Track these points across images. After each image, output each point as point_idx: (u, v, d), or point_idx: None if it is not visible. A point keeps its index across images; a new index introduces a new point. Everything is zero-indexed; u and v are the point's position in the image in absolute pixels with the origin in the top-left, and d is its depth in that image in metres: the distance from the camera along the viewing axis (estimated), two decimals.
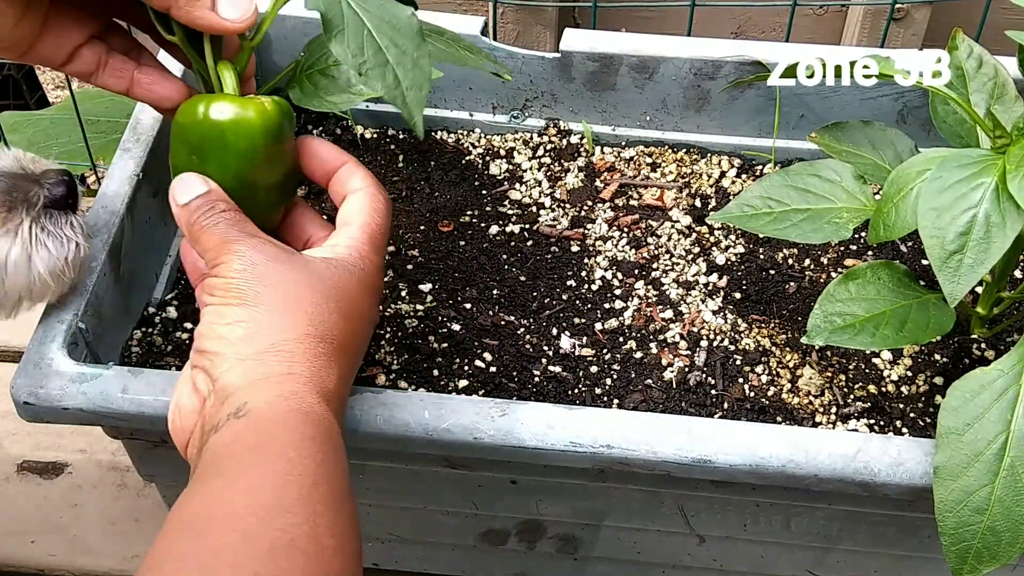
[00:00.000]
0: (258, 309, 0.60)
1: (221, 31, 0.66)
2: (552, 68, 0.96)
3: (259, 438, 0.55)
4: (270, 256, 0.62)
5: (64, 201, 0.70)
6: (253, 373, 0.58)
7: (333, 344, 0.61)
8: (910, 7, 1.36)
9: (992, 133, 0.72)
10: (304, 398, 0.58)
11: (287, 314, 0.60)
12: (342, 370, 0.61)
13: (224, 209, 0.64)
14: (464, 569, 0.95)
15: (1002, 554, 0.66)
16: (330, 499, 0.54)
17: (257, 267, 0.61)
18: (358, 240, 0.66)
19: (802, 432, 0.71)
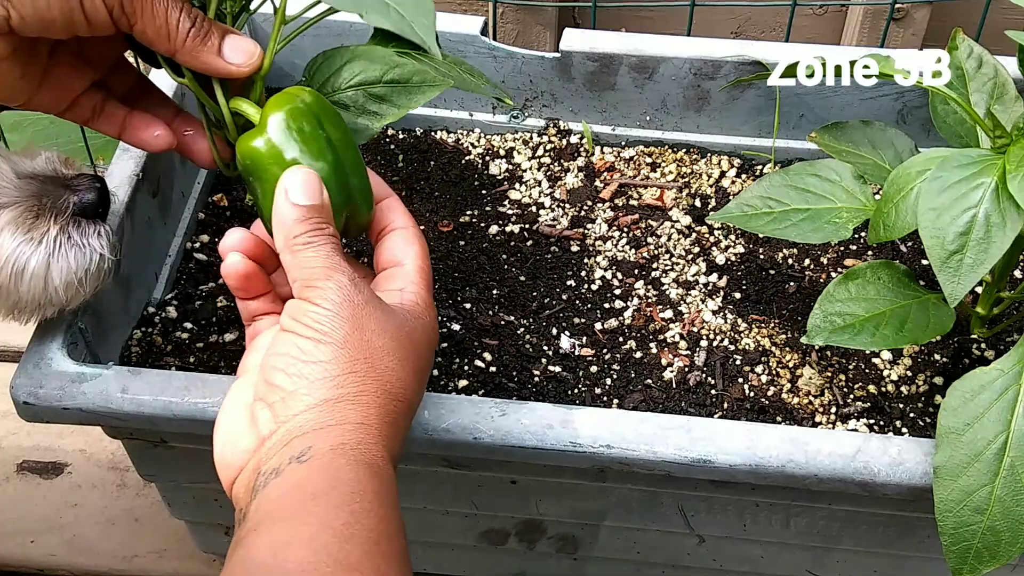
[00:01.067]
0: (345, 352, 0.57)
1: (228, 75, 0.66)
2: (552, 68, 0.96)
3: (322, 486, 0.53)
4: (368, 299, 0.59)
5: (94, 209, 0.68)
6: (326, 419, 0.56)
7: (403, 403, 0.59)
8: (910, 7, 1.36)
9: (992, 133, 0.72)
10: (371, 450, 0.56)
11: (370, 366, 0.58)
12: (406, 430, 0.60)
13: (332, 233, 0.61)
14: (464, 569, 0.95)
15: (1002, 554, 0.66)
16: (392, 556, 0.53)
17: (354, 306, 0.58)
18: (419, 286, 0.65)
19: (802, 432, 0.71)
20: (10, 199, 0.65)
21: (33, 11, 0.61)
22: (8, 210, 0.65)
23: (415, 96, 0.72)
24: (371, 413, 0.57)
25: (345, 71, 0.71)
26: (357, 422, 0.56)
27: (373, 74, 0.71)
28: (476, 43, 0.95)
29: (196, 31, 0.64)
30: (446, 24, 0.94)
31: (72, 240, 0.67)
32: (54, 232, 0.66)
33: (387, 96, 0.72)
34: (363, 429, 0.56)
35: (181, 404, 0.71)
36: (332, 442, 0.55)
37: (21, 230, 0.65)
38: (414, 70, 0.71)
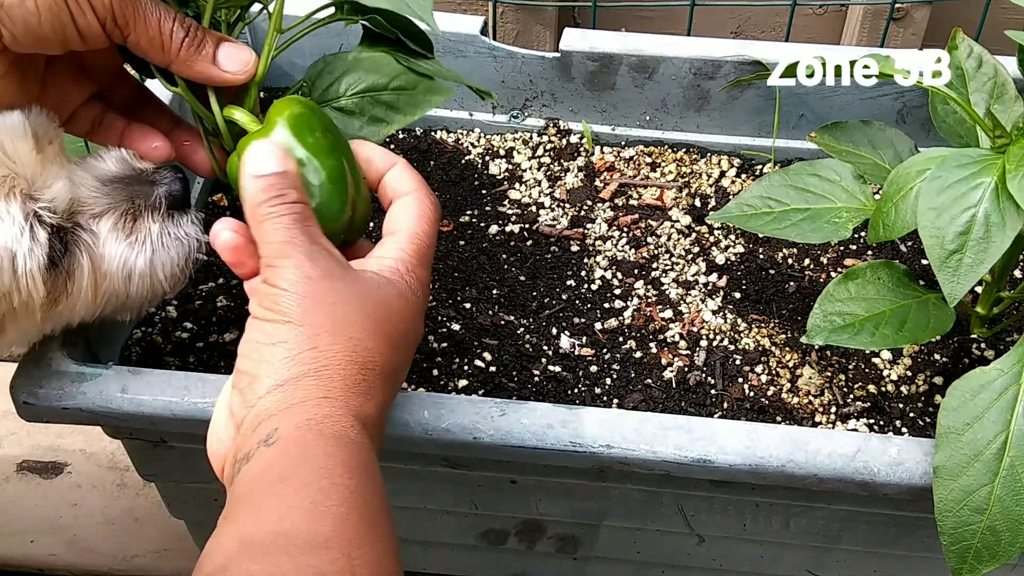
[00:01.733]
0: (303, 330, 0.57)
1: (223, 83, 0.66)
2: (552, 68, 0.96)
3: (289, 466, 0.53)
4: (325, 271, 0.59)
5: (184, 199, 0.68)
6: (290, 398, 0.56)
7: (375, 370, 0.59)
8: (910, 7, 1.35)
9: (992, 133, 0.72)
10: (338, 422, 0.56)
11: (333, 338, 0.57)
12: (382, 397, 0.59)
13: (295, 200, 0.60)
14: (464, 569, 0.95)
15: (1002, 554, 0.66)
16: (365, 528, 0.52)
17: (311, 282, 0.58)
18: (406, 253, 0.63)
19: (802, 432, 0.71)
20: (104, 206, 0.65)
21: (25, 29, 0.61)
22: (106, 217, 0.65)
23: (422, 104, 0.72)
24: (336, 385, 0.57)
25: (348, 77, 0.71)
26: (321, 396, 0.56)
27: (381, 81, 0.71)
28: (476, 43, 0.95)
29: (190, 40, 0.64)
30: (446, 24, 0.94)
31: (172, 235, 0.67)
32: (156, 231, 0.67)
33: (394, 103, 0.71)
34: (328, 403, 0.56)
35: (181, 404, 0.71)
36: (297, 420, 0.55)
37: (123, 234, 0.66)
38: (419, 78, 0.71)
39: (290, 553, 0.49)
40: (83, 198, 0.65)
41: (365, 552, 0.51)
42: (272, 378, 0.56)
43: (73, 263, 0.63)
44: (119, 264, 0.66)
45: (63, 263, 0.63)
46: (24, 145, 0.61)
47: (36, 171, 0.61)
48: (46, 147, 0.63)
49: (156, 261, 0.67)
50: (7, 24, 0.61)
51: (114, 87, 0.72)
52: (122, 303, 0.67)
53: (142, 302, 0.68)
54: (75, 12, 0.61)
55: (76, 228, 0.64)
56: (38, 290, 0.61)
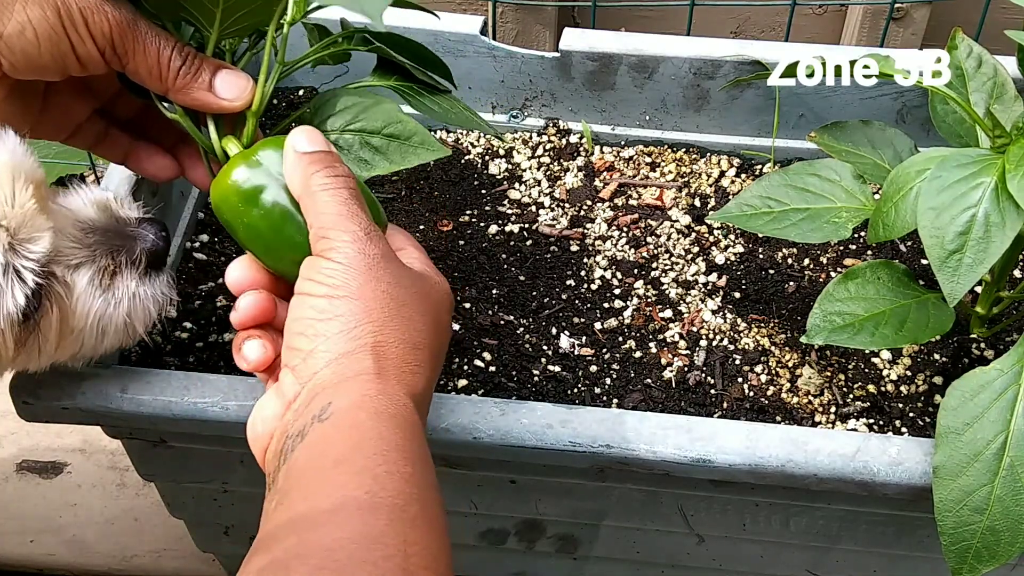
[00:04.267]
0: (360, 304, 0.57)
1: (219, 111, 0.65)
2: (551, 68, 0.96)
3: (343, 449, 0.52)
4: (382, 252, 0.59)
5: (163, 256, 0.67)
6: (345, 371, 0.55)
7: (425, 351, 0.59)
8: (909, 7, 1.36)
9: (991, 133, 0.72)
10: (393, 398, 0.55)
11: (389, 315, 0.57)
12: (430, 376, 0.59)
13: (347, 175, 0.61)
14: (464, 569, 0.95)
15: (1001, 553, 0.66)
16: (421, 520, 0.51)
17: (368, 259, 0.58)
18: (423, 259, 0.65)
19: (801, 432, 0.71)
20: (83, 258, 0.64)
21: (24, 58, 0.61)
22: (84, 270, 0.64)
23: (410, 156, 0.72)
24: (391, 363, 0.56)
25: (347, 113, 0.72)
26: (376, 372, 0.56)
27: (374, 124, 0.72)
28: (476, 43, 0.95)
29: (186, 68, 0.64)
30: (446, 24, 0.94)
31: (148, 294, 0.66)
32: (132, 289, 0.65)
33: (383, 148, 0.72)
34: (383, 378, 0.56)
35: (181, 404, 0.71)
36: (352, 395, 0.54)
37: (100, 289, 0.64)
38: (415, 129, 0.72)
39: (346, 548, 0.48)
40: (62, 247, 0.63)
41: (420, 548, 0.49)
42: (328, 352, 0.56)
43: (43, 315, 0.61)
44: (93, 320, 0.64)
45: (35, 316, 0.61)
46: (15, 191, 0.59)
47: (22, 220, 0.59)
48: (35, 192, 0.60)
49: (131, 318, 0.66)
50: (6, 54, 0.60)
51: (117, 102, 0.72)
52: (82, 353, 0.66)
53: (102, 353, 0.67)
54: (75, 41, 0.61)
55: (50, 278, 0.62)
56: (7, 345, 0.60)
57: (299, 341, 0.57)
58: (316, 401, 0.55)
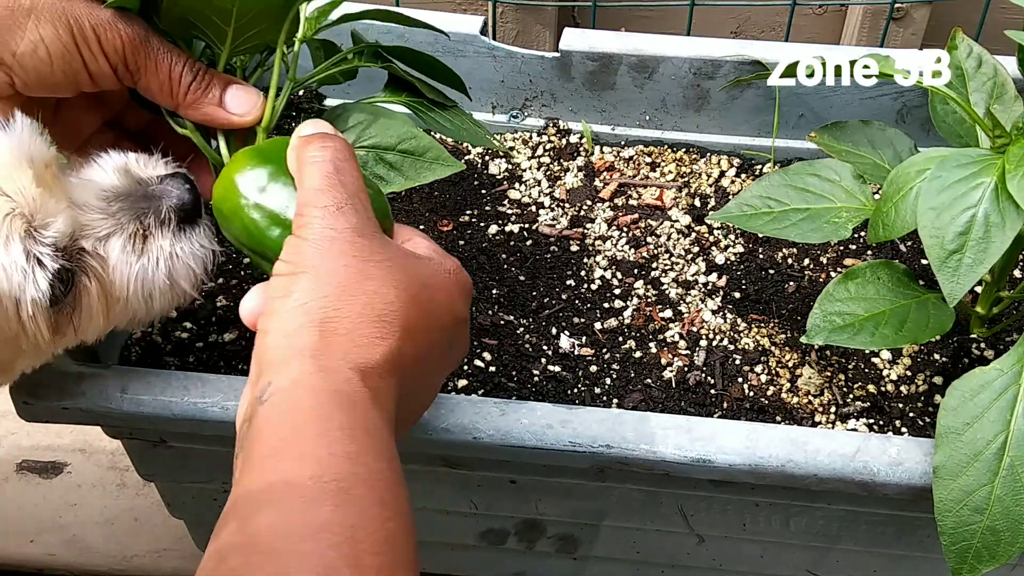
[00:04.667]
0: (315, 279, 0.55)
1: (230, 126, 0.66)
2: (551, 68, 0.96)
3: (284, 433, 0.50)
4: (354, 227, 0.56)
5: (195, 208, 0.66)
6: (290, 349, 0.53)
7: (390, 324, 0.55)
8: (909, 7, 1.35)
9: (991, 133, 0.72)
10: (334, 373, 0.52)
11: (346, 291, 0.54)
12: (395, 348, 0.55)
13: (339, 148, 0.59)
14: (464, 569, 0.95)
15: (1001, 553, 0.66)
16: (368, 503, 0.49)
17: (335, 233, 0.56)
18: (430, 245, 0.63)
19: (801, 432, 0.71)
20: (111, 228, 0.63)
21: (37, 76, 0.61)
22: (114, 239, 0.63)
23: (425, 171, 0.72)
24: (339, 338, 0.53)
25: (359, 128, 0.72)
26: (320, 347, 0.53)
27: (388, 140, 0.71)
28: (476, 43, 0.95)
29: (197, 84, 0.64)
30: (446, 24, 0.94)
31: (186, 249, 0.65)
32: (168, 248, 0.65)
33: (397, 164, 0.71)
34: (327, 353, 0.53)
35: (181, 404, 0.71)
36: (292, 374, 0.52)
37: (134, 256, 0.64)
38: (429, 144, 0.71)
39: (289, 539, 0.46)
40: (86, 222, 0.62)
41: (370, 532, 0.48)
42: (279, 330, 0.54)
43: (80, 293, 0.61)
44: (136, 286, 0.64)
45: (68, 298, 0.60)
46: (22, 176, 0.58)
47: (36, 205, 0.59)
48: (43, 173, 0.60)
49: (175, 277, 0.65)
50: (19, 72, 0.61)
51: (127, 114, 0.72)
52: (138, 318, 0.66)
53: (160, 314, 0.67)
54: (87, 59, 0.61)
55: (81, 255, 0.61)
56: (43, 331, 0.60)
57: (261, 320, 0.56)
58: (260, 382, 0.53)
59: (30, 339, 0.60)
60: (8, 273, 0.57)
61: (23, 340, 0.60)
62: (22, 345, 0.60)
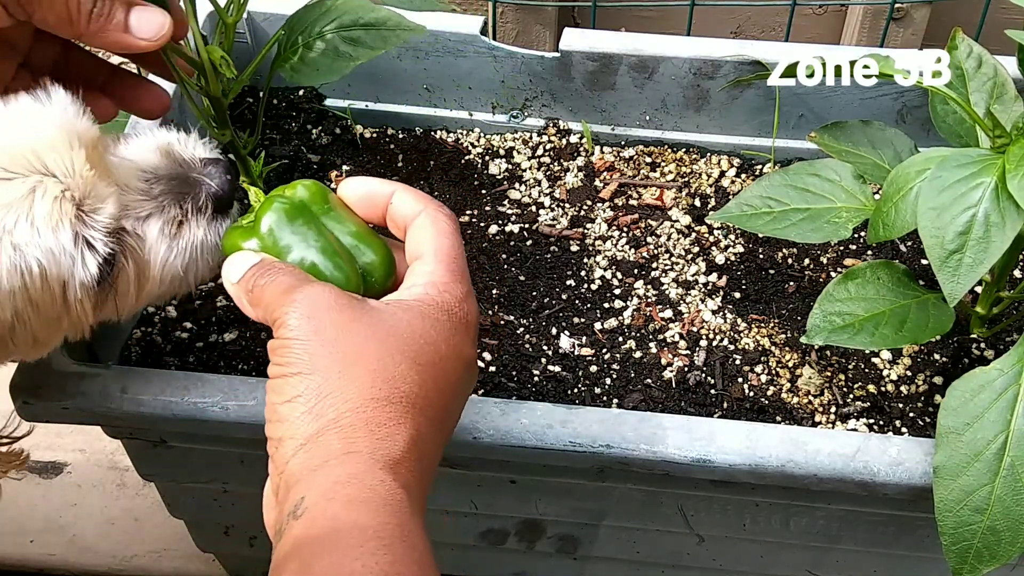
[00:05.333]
0: (315, 377, 0.53)
1: (138, 51, 0.63)
2: (551, 68, 0.96)
3: (318, 549, 0.49)
4: (328, 305, 0.55)
5: (230, 199, 0.66)
6: (313, 459, 0.52)
7: (403, 403, 0.54)
8: (910, 7, 1.35)
9: (991, 133, 0.72)
10: (365, 480, 0.51)
11: (347, 378, 0.53)
12: (415, 429, 0.54)
13: (281, 267, 0.58)
14: (464, 569, 0.95)
15: (1002, 553, 0.66)
16: None
17: (314, 320, 0.54)
18: (436, 274, 0.59)
19: (802, 432, 0.71)
20: (152, 208, 0.63)
21: None
22: (153, 220, 0.63)
23: (390, 38, 0.75)
24: (359, 434, 0.53)
25: (322, 20, 0.75)
26: (343, 452, 0.52)
27: (348, 19, 0.75)
28: (476, 43, 0.95)
29: (99, 10, 0.61)
30: (446, 24, 0.94)
31: (211, 239, 0.65)
32: (200, 236, 0.65)
33: (361, 39, 0.75)
34: (351, 458, 0.52)
35: (181, 404, 0.71)
36: (323, 486, 0.51)
37: (169, 238, 0.63)
38: (388, 15, 0.75)
39: None
40: (128, 202, 0.62)
41: None
42: (294, 438, 0.53)
43: (118, 272, 0.61)
44: (167, 269, 0.64)
45: (110, 278, 0.60)
46: (73, 156, 0.58)
47: (87, 188, 0.58)
48: (91, 152, 0.59)
49: (200, 264, 0.65)
50: None
51: (38, 52, 0.69)
52: (160, 298, 0.66)
53: (173, 296, 0.67)
54: None
55: (121, 233, 0.61)
56: (88, 312, 0.60)
57: (269, 428, 0.55)
58: (291, 496, 0.52)
59: (73, 319, 0.60)
60: (57, 257, 0.57)
61: (65, 320, 0.60)
62: (63, 324, 0.60)
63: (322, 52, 0.75)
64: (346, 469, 0.51)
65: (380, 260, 0.63)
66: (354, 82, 0.99)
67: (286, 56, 0.77)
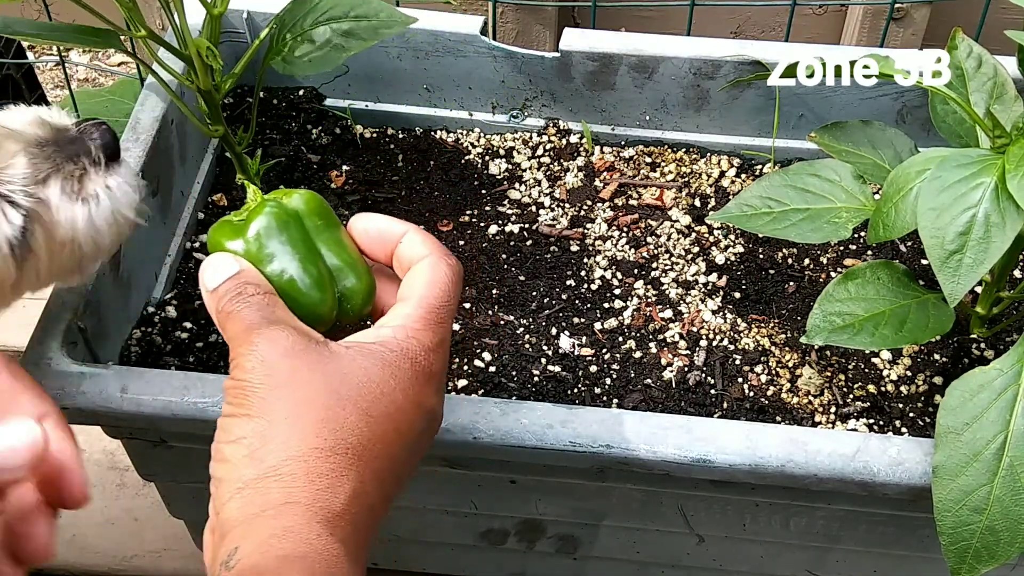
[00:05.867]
0: (262, 421, 0.52)
1: None
2: (551, 68, 0.96)
3: None
4: (285, 350, 0.54)
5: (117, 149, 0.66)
6: (250, 506, 0.51)
7: (348, 454, 0.53)
8: (910, 7, 1.35)
9: (991, 133, 0.72)
10: (301, 533, 0.50)
11: (293, 425, 0.52)
12: (359, 482, 0.53)
13: (254, 292, 0.57)
14: (464, 569, 0.95)
15: (1001, 553, 0.66)
16: None
17: (268, 364, 0.54)
18: (411, 319, 0.58)
19: (802, 432, 0.71)
20: (47, 170, 0.63)
21: None
22: (52, 180, 0.63)
23: (381, 30, 0.76)
24: (298, 484, 0.51)
25: (314, 12, 0.76)
26: (281, 502, 0.51)
27: (339, 11, 0.76)
28: (476, 43, 0.95)
29: None
30: (446, 24, 0.94)
31: (119, 184, 0.65)
32: (103, 183, 0.64)
33: (353, 31, 0.75)
34: (288, 509, 0.51)
35: (181, 404, 0.71)
36: (258, 539, 0.50)
37: (74, 195, 0.63)
38: (379, 7, 0.76)
39: None
40: None
41: None
42: (233, 481, 0.52)
43: (30, 236, 0.61)
44: (82, 226, 0.63)
45: (28, 237, 0.61)
46: None
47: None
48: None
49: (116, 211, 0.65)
50: None
51: None
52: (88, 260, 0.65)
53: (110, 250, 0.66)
54: None
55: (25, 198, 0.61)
56: (10, 271, 0.60)
57: (212, 466, 0.54)
58: (226, 543, 0.51)
59: None
60: None
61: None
62: None
63: (314, 44, 0.75)
64: (282, 522, 0.50)
65: (360, 288, 0.62)
66: (354, 82, 0.99)
67: (278, 49, 0.77)
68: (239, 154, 0.84)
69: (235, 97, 0.99)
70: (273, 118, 0.98)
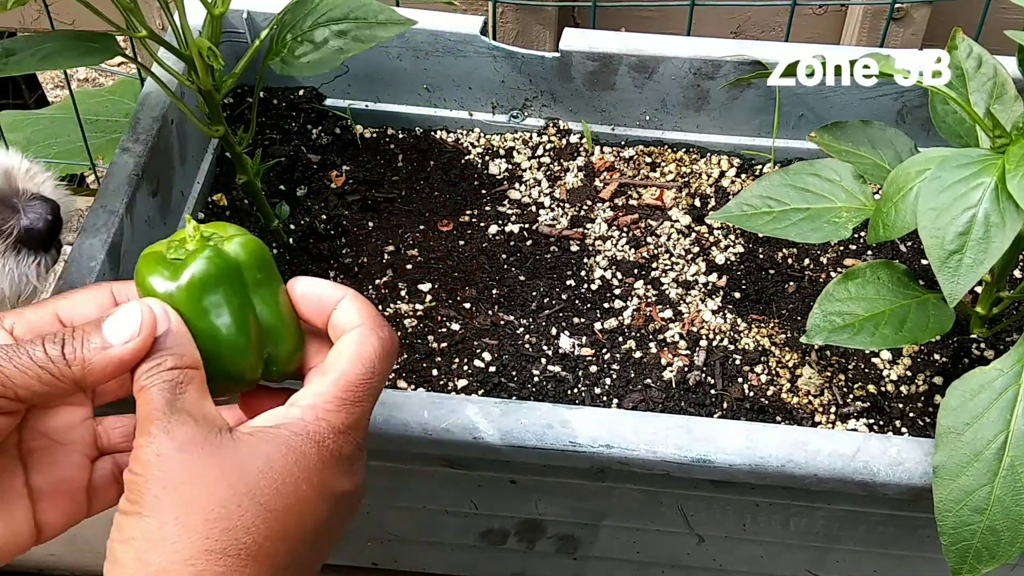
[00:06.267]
0: (152, 521, 0.50)
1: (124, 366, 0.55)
2: (551, 68, 0.96)
3: None
4: (182, 444, 0.51)
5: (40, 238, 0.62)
6: None
7: (240, 555, 0.50)
8: (910, 7, 1.35)
9: (991, 133, 0.72)
10: None
11: (183, 526, 0.50)
12: None
13: (172, 367, 0.53)
14: (464, 569, 0.95)
15: (1001, 553, 0.66)
16: None
17: (163, 459, 0.51)
18: (323, 398, 0.55)
19: (802, 432, 0.71)
20: None
21: None
22: None
23: (379, 31, 0.76)
24: None
25: (313, 13, 0.76)
26: None
27: (339, 12, 0.76)
28: (476, 43, 0.95)
29: None
30: (445, 24, 0.94)
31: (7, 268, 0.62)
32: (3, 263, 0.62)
33: (351, 32, 0.75)
34: None
35: None
36: None
37: None
38: (378, 8, 0.76)
39: None
40: None
41: None
42: None
43: None
44: None
45: None
46: None
47: None
48: None
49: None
50: None
51: None
52: None
53: None
54: None
55: None
56: None
57: (105, 565, 0.52)
58: None
59: None
60: None
61: None
62: None
63: (313, 45, 0.75)
64: None
65: (288, 351, 0.59)
66: (354, 82, 0.99)
67: (278, 49, 0.77)
68: (239, 154, 0.84)
69: (235, 97, 0.99)
70: (273, 118, 0.98)
